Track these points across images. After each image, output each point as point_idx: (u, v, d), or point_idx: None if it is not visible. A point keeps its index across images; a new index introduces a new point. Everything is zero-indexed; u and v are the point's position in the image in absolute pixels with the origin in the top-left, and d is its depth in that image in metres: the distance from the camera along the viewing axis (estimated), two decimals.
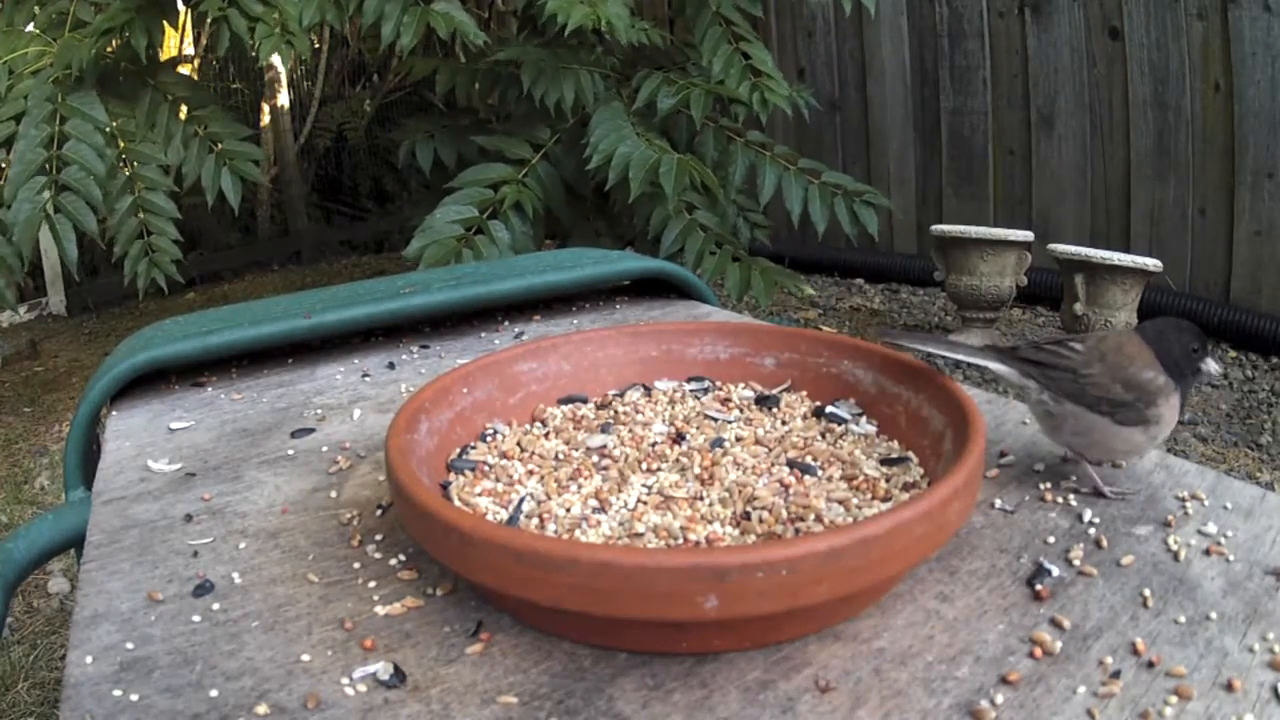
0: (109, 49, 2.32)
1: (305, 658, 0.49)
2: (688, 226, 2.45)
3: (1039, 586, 0.52)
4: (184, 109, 2.45)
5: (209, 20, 2.24)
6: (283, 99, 4.57)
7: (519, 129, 2.61)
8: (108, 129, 2.27)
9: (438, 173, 2.70)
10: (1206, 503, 0.61)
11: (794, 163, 2.56)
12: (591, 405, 0.73)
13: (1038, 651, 0.47)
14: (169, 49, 3.52)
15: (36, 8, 2.45)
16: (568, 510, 0.57)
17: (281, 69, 4.40)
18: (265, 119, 4.62)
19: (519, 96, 2.66)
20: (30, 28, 2.45)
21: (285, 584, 0.56)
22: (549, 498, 0.59)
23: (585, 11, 2.21)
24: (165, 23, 2.39)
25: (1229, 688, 0.44)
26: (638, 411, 0.71)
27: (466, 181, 2.44)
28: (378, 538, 0.61)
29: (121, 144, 2.33)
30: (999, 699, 0.44)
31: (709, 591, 0.43)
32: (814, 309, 3.28)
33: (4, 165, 2.22)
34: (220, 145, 2.42)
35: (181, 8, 2.50)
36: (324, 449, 0.76)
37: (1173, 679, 0.45)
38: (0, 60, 2.31)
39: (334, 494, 0.68)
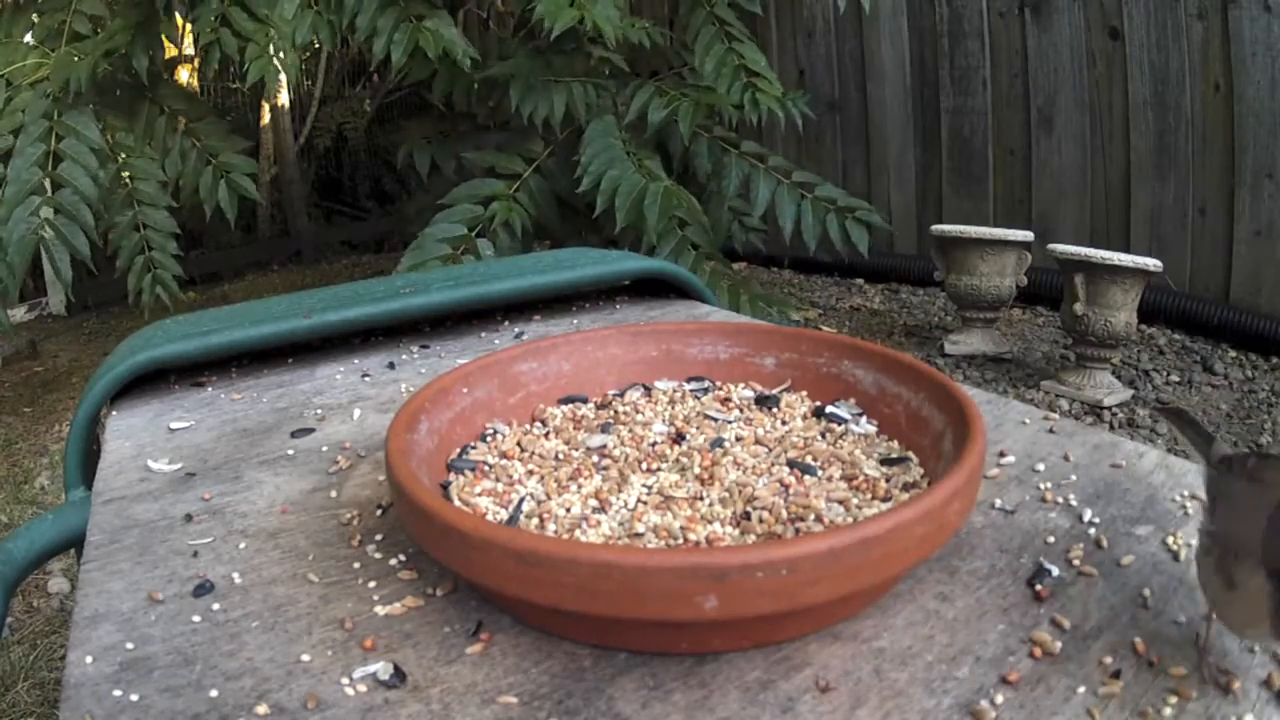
0: (107, 61, 2.33)
1: (305, 658, 0.49)
2: (679, 244, 2.46)
3: (1039, 586, 0.52)
4: (182, 121, 2.46)
5: (200, 43, 2.27)
6: (283, 98, 4.57)
7: (516, 137, 2.62)
8: (104, 147, 2.29)
9: (436, 178, 2.71)
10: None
11: (788, 175, 2.57)
12: (591, 405, 0.73)
13: (1038, 651, 0.47)
14: (168, 49, 3.52)
15: (35, 16, 2.46)
16: (568, 510, 0.57)
17: (282, 79, 4.40)
18: (265, 118, 4.62)
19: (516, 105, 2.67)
20: (28, 38, 2.46)
21: (285, 584, 0.56)
22: (549, 498, 0.59)
23: (572, 14, 2.21)
24: (164, 37, 2.41)
25: (1229, 688, 0.44)
26: (638, 411, 0.71)
27: (459, 198, 2.46)
28: (378, 538, 0.61)
29: (121, 158, 2.35)
30: (999, 699, 0.44)
31: (709, 591, 0.43)
32: (814, 309, 3.29)
33: (2, 180, 2.24)
34: (217, 158, 2.43)
35: (180, 20, 2.52)
36: (324, 449, 0.76)
37: (1173, 679, 0.45)
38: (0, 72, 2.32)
39: (334, 494, 0.68)
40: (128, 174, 2.38)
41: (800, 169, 2.71)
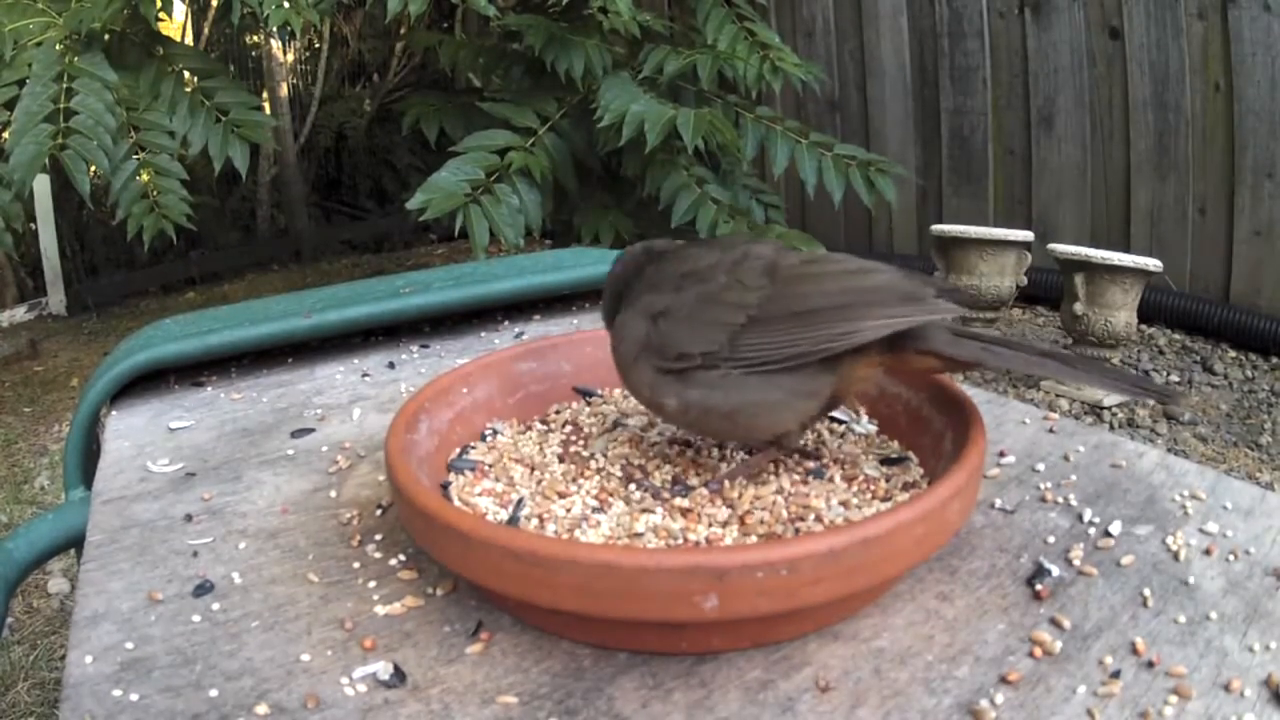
0: (117, 18, 2.29)
1: (305, 658, 0.49)
2: (699, 199, 2.43)
3: (1039, 586, 0.52)
4: (191, 79, 2.42)
5: None
6: (282, 96, 4.56)
7: (525, 103, 2.59)
8: (118, 84, 2.23)
9: (441, 155, 2.69)
10: (1206, 502, 0.61)
11: (805, 136, 2.54)
12: (591, 405, 0.73)
13: (1038, 651, 0.47)
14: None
15: None
16: (568, 510, 0.57)
17: (282, 55, 4.38)
18: (265, 111, 4.61)
19: (524, 72, 2.63)
20: None
21: (285, 584, 0.56)
22: (549, 498, 0.59)
23: None
24: None
25: (1229, 688, 0.44)
26: (638, 411, 0.71)
27: (471, 147, 2.40)
28: (378, 538, 0.61)
29: (126, 112, 2.30)
30: (999, 699, 0.44)
31: (709, 591, 0.43)
32: None
33: (7, 124, 2.17)
34: (228, 115, 2.39)
35: None
36: (324, 449, 0.76)
37: (1173, 679, 0.45)
38: (6, 28, 2.27)
39: (334, 494, 0.68)
40: (134, 126, 2.32)
41: (817, 132, 2.67)
